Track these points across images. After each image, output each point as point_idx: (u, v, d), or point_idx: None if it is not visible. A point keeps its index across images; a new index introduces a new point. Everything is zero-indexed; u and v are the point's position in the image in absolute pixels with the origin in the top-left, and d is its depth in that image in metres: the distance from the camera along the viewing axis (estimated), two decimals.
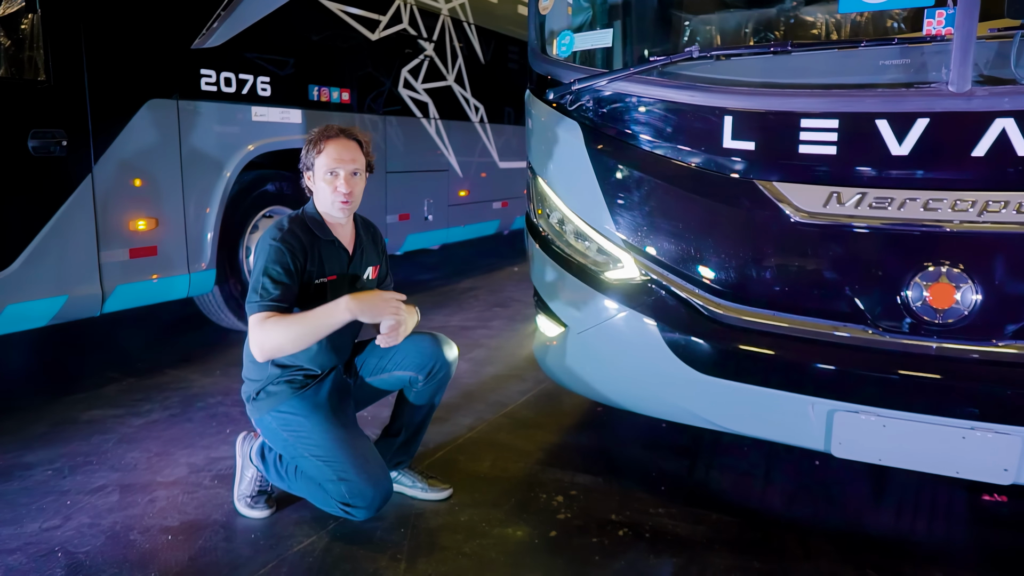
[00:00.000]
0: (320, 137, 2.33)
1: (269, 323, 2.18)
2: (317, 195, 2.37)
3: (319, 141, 2.32)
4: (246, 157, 4.37)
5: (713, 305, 2.20)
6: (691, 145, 2.19)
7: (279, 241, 2.26)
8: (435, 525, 2.42)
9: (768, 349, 2.11)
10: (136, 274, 3.81)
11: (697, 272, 2.21)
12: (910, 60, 1.90)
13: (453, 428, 3.21)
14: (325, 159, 2.31)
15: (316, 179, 2.35)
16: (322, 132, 2.35)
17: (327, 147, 2.31)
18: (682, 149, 2.21)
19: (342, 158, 2.32)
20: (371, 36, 5.33)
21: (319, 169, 2.32)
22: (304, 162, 2.38)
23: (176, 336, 4.75)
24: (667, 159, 2.25)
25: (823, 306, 2.05)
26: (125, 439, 3.09)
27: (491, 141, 7.08)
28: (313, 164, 2.34)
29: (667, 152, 2.25)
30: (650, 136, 2.27)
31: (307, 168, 2.37)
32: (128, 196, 3.75)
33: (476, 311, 5.52)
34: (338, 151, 2.32)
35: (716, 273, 2.18)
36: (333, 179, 2.32)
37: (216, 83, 4.13)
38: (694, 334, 2.20)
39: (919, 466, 2.00)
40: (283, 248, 2.25)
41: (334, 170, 2.31)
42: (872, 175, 1.94)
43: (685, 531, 2.38)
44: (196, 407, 3.46)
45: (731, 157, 2.12)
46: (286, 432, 2.36)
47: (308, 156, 2.35)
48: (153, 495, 2.60)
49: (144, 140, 3.79)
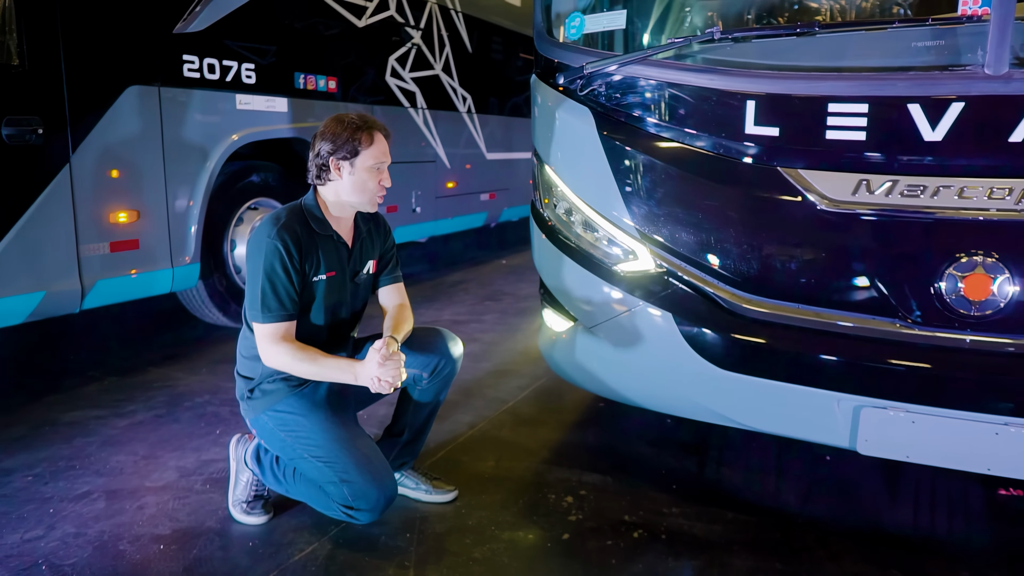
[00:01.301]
0: (365, 126, 2.20)
1: (281, 348, 2.15)
2: (352, 186, 2.22)
3: (365, 130, 2.19)
4: (231, 147, 4.21)
5: (734, 298, 2.11)
6: (711, 131, 2.10)
7: (278, 239, 2.14)
8: (442, 529, 2.32)
9: (792, 343, 2.04)
10: (117, 268, 3.65)
11: (717, 264, 2.12)
12: (944, 41, 1.82)
13: (453, 426, 3.11)
14: (375, 151, 2.21)
15: (356, 169, 2.20)
16: (364, 121, 2.21)
17: (377, 139, 2.22)
18: (701, 135, 2.12)
19: (387, 152, 2.25)
20: (358, 23, 5.18)
21: (365, 160, 2.20)
22: (339, 150, 2.18)
23: (159, 333, 4.59)
24: (685, 146, 2.15)
25: (851, 299, 1.98)
26: (109, 441, 2.95)
27: (479, 132, 6.97)
28: (356, 153, 2.18)
29: (685, 138, 2.15)
30: (667, 122, 2.18)
31: (344, 157, 2.19)
32: (108, 187, 3.58)
33: (467, 305, 5.42)
34: (384, 147, 2.24)
35: (737, 265, 2.10)
36: (379, 173, 2.23)
37: (199, 69, 3.97)
38: (714, 328, 2.12)
39: (948, 463, 1.94)
40: (282, 249, 2.14)
41: (381, 164, 2.23)
42: (904, 162, 1.86)
43: (702, 531, 2.31)
44: (183, 407, 3.32)
45: (754, 144, 2.03)
46: (284, 432, 2.24)
47: (347, 145, 2.17)
48: (142, 501, 2.47)
49: (125, 128, 3.62)
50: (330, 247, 2.28)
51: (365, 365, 2.12)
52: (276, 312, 2.15)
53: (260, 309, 2.15)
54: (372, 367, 2.09)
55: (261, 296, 2.15)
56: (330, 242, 2.28)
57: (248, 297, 2.21)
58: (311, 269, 2.22)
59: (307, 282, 2.22)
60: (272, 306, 2.15)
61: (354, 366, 2.14)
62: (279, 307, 2.15)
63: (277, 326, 2.16)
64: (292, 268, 2.16)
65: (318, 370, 2.16)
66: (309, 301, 2.26)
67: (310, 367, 2.15)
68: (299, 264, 2.18)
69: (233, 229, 4.42)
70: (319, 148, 2.21)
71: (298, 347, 2.16)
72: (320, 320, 2.30)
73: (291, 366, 2.16)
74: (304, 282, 2.21)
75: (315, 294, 2.26)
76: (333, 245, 2.29)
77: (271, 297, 2.14)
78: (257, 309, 2.15)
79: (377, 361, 2.08)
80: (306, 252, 2.20)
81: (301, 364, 2.15)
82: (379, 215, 2.54)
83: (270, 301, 2.14)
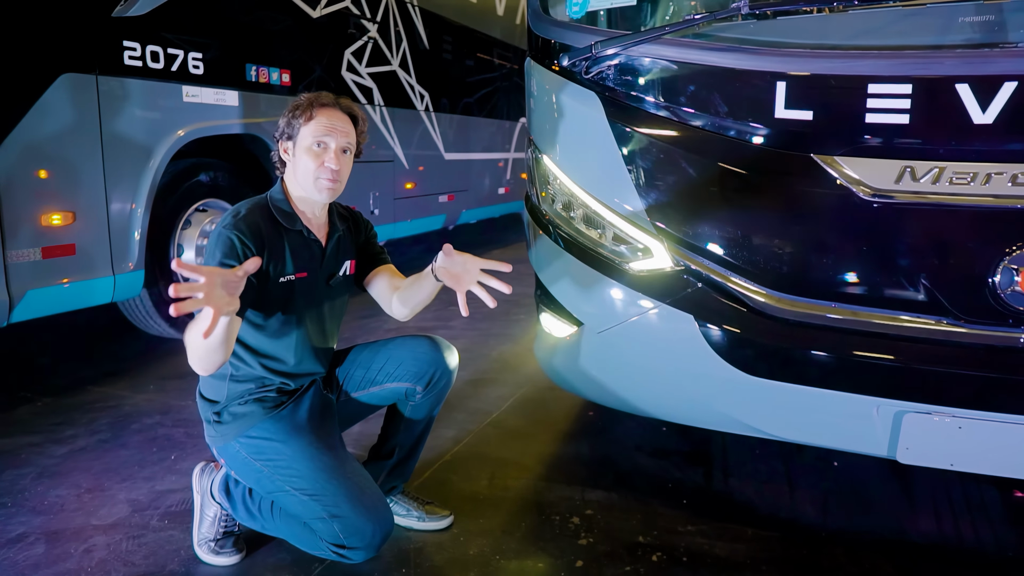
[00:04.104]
0: (311, 103, 1.95)
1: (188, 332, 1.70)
2: (296, 172, 1.98)
3: (309, 107, 1.94)
4: (176, 143, 3.85)
5: (764, 297, 1.94)
6: (736, 116, 1.93)
7: (232, 229, 1.86)
8: (440, 561, 2.07)
9: (827, 346, 1.87)
10: (50, 276, 3.27)
11: (744, 260, 1.95)
12: (994, 17, 1.69)
13: (437, 442, 2.86)
14: (315, 126, 1.93)
15: (297, 151, 1.96)
16: (314, 98, 1.97)
17: (319, 114, 1.94)
18: (725, 121, 1.94)
19: (335, 128, 1.95)
20: (312, 13, 4.87)
21: (304, 139, 1.94)
22: (283, 131, 1.98)
23: (97, 347, 4.18)
24: (707, 132, 1.97)
25: (892, 296, 1.83)
26: (46, 473, 2.59)
27: (437, 131, 6.72)
28: (297, 133, 1.95)
29: (707, 124, 1.97)
30: (686, 106, 1.99)
31: (286, 137, 1.98)
32: (39, 186, 3.20)
33: (432, 311, 5.15)
34: (331, 120, 1.95)
35: (767, 261, 1.93)
36: (321, 152, 1.94)
37: (141, 57, 3.61)
38: (741, 331, 1.94)
39: (997, 470, 1.81)
40: (236, 239, 1.84)
41: (323, 141, 1.93)
42: (952, 147, 1.72)
43: (724, 551, 2.13)
44: (130, 430, 2.98)
45: (785, 129, 1.86)
46: (260, 462, 1.96)
47: (291, 124, 1.96)
48: (89, 543, 2.14)
49: (58, 121, 3.25)
50: (300, 245, 2.00)
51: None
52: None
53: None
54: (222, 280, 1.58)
55: None
56: (300, 239, 2.00)
57: None
58: (276, 268, 1.94)
59: (273, 283, 1.94)
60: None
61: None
62: None
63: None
64: (243, 258, 1.81)
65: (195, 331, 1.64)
66: (277, 308, 1.98)
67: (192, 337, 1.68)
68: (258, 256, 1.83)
69: (180, 233, 4.06)
70: (274, 131, 2.03)
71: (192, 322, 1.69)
72: (293, 331, 2.02)
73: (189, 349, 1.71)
74: (266, 281, 1.91)
75: (284, 298, 1.98)
76: (304, 243, 2.01)
77: None
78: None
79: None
80: (270, 249, 1.91)
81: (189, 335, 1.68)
82: (358, 212, 2.28)
83: None
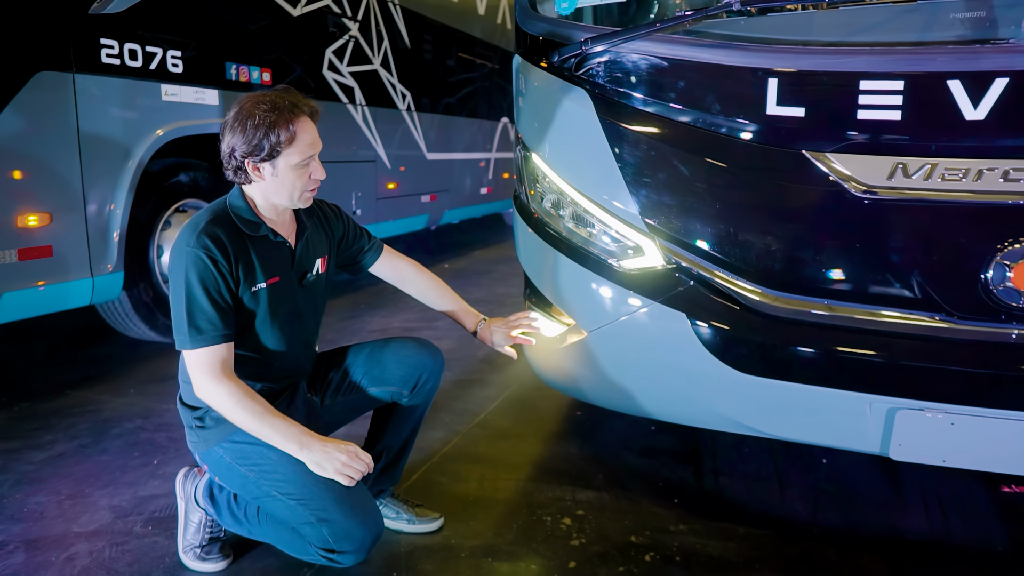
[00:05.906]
0: (284, 117, 1.79)
1: (222, 387, 1.77)
2: (276, 187, 1.87)
3: (285, 122, 1.79)
4: (156, 143, 3.80)
5: (755, 294, 1.93)
6: (727, 112, 1.92)
7: (199, 247, 1.78)
8: (432, 566, 2.04)
9: (820, 343, 1.87)
10: (27, 279, 3.20)
11: (736, 258, 1.94)
12: (985, 13, 1.70)
13: (425, 443, 2.83)
14: (300, 145, 1.82)
15: (280, 170, 1.84)
16: (282, 109, 1.80)
17: (300, 131, 1.82)
18: (716, 117, 1.93)
19: (316, 140, 1.87)
20: (293, 11, 4.82)
21: (290, 157, 1.82)
22: (252, 149, 1.80)
23: (75, 350, 4.10)
24: (698, 129, 1.96)
25: (885, 292, 1.83)
26: (25, 479, 2.53)
27: (419, 130, 6.68)
28: (279, 152, 1.81)
29: (698, 121, 1.96)
30: (677, 103, 1.98)
31: (263, 155, 1.81)
32: (14, 187, 3.14)
33: (416, 311, 5.11)
34: (311, 133, 1.86)
35: (759, 258, 1.92)
36: (306, 168, 1.87)
37: (119, 55, 3.55)
38: (734, 328, 1.93)
39: (990, 466, 1.81)
40: (205, 257, 1.78)
41: (310, 157, 1.86)
42: (943, 143, 1.73)
43: (717, 550, 2.12)
44: (111, 435, 2.91)
45: (776, 125, 1.86)
46: (244, 467, 1.91)
47: (266, 139, 1.78)
48: (71, 551, 2.09)
49: (33, 120, 3.18)
50: (268, 249, 1.92)
51: (327, 447, 1.77)
52: (208, 334, 1.78)
53: (188, 333, 1.77)
54: (339, 455, 1.76)
55: (187, 317, 1.77)
56: (266, 243, 1.92)
57: (174, 320, 1.82)
58: (246, 278, 1.87)
59: (244, 294, 1.87)
60: (203, 326, 1.77)
61: (307, 440, 1.78)
62: (210, 327, 1.78)
63: (211, 351, 1.79)
64: (220, 279, 1.80)
65: (259, 428, 1.77)
66: (251, 317, 1.91)
67: (252, 422, 1.77)
68: (230, 273, 1.82)
69: (160, 234, 3.99)
70: (231, 146, 1.82)
71: (245, 392, 1.79)
72: (271, 337, 1.95)
73: (232, 413, 1.78)
74: (238, 295, 1.86)
75: (258, 307, 1.91)
76: (271, 246, 1.93)
77: (199, 316, 1.77)
78: (185, 334, 1.78)
79: (349, 454, 1.78)
80: (237, 259, 1.84)
81: (244, 415, 1.77)
82: (329, 205, 2.21)
83: (199, 321, 1.77)
